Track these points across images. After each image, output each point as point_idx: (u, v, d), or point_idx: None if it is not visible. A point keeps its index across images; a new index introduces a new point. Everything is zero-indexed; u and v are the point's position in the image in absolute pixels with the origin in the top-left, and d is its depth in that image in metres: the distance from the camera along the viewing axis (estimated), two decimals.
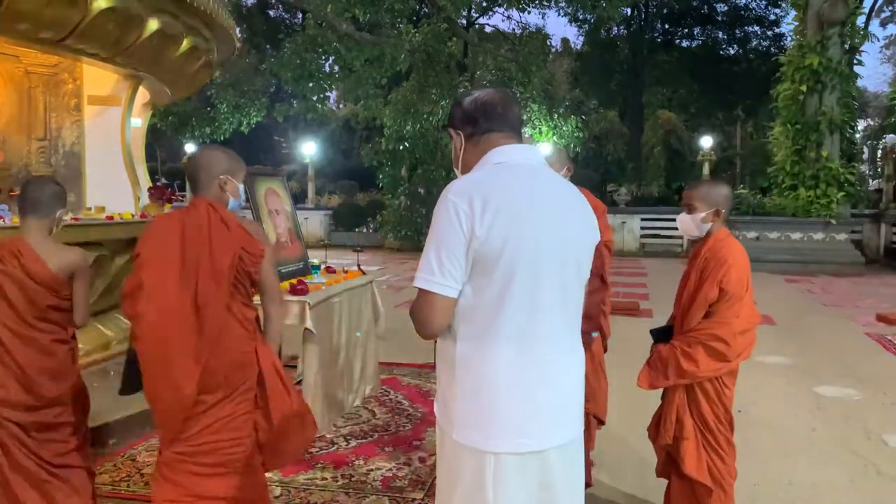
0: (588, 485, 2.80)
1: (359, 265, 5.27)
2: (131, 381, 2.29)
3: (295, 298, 3.90)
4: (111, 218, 4.93)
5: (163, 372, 2.14)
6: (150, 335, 2.15)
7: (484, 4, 20.79)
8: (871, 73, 55.52)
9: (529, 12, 28.46)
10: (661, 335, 2.75)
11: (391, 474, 3.55)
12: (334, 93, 27.73)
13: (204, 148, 2.53)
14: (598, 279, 3.24)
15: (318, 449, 3.89)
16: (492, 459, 1.55)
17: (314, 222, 19.86)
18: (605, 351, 3.79)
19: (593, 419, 3.66)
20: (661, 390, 2.77)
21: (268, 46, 26.70)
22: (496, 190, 1.54)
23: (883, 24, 31.42)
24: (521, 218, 1.53)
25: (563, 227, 1.61)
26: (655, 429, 2.79)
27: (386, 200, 19.24)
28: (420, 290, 1.56)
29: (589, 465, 3.48)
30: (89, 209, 5.30)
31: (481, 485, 1.56)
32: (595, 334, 3.55)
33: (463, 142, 1.73)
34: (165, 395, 2.16)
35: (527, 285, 1.54)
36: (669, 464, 2.76)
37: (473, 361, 1.57)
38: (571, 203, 1.68)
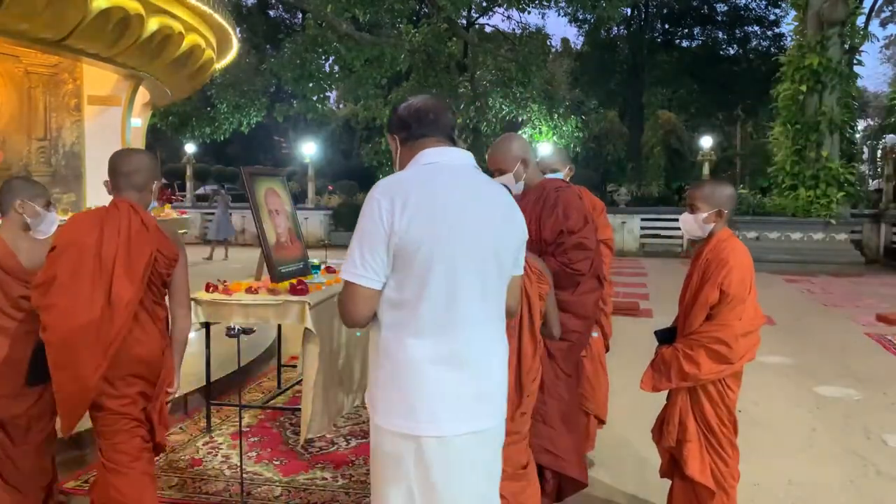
0: (583, 485, 2.77)
1: None
2: (39, 370, 2.36)
3: (295, 298, 3.90)
4: None
5: (70, 362, 2.22)
6: (60, 326, 2.23)
7: (484, 4, 20.80)
8: (871, 73, 55.53)
9: (529, 12, 28.50)
10: (666, 336, 2.74)
11: None
12: (334, 93, 27.75)
13: (136, 150, 2.62)
14: (595, 279, 3.25)
15: (318, 449, 3.89)
16: (412, 443, 1.63)
17: (314, 222, 19.84)
18: (607, 350, 3.80)
19: (593, 419, 3.66)
20: (664, 391, 2.76)
21: (268, 46, 26.70)
22: (417, 188, 1.64)
23: (883, 24, 31.45)
24: (439, 215, 1.62)
25: (484, 224, 1.69)
26: (659, 431, 2.78)
27: None
28: (345, 281, 1.67)
29: (586, 464, 3.48)
30: (90, 209, 5.30)
31: (403, 467, 1.65)
32: (595, 334, 3.56)
33: (398, 146, 1.83)
34: (70, 385, 2.25)
35: (444, 279, 1.63)
36: (673, 465, 2.76)
37: (395, 350, 1.66)
38: (495, 203, 1.75)
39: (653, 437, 2.84)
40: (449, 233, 1.63)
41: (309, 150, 20.39)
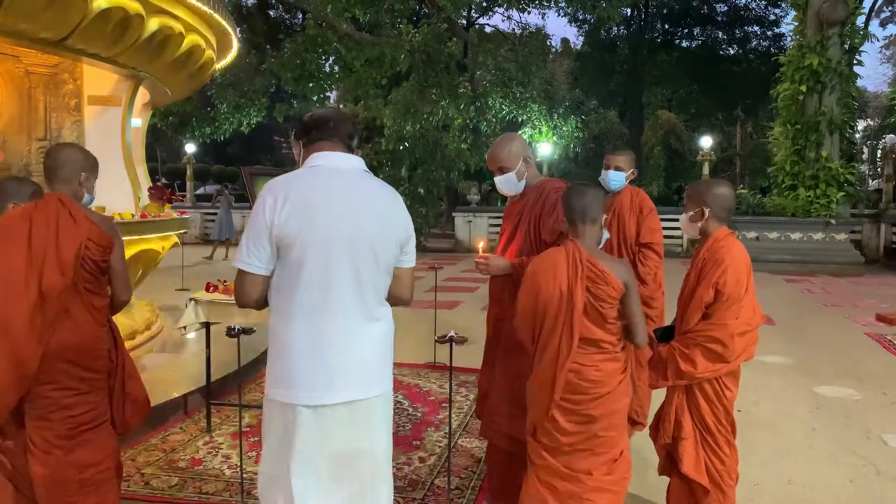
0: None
1: None
2: None
3: None
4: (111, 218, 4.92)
5: (9, 350, 2.34)
6: None
7: (484, 4, 20.80)
8: (871, 73, 55.55)
9: (529, 12, 28.52)
10: (665, 335, 2.75)
11: None
12: (334, 93, 27.70)
13: (64, 145, 2.71)
14: None
15: None
16: (292, 411, 1.86)
17: None
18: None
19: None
20: (662, 389, 2.77)
21: (268, 46, 26.68)
22: (298, 187, 1.88)
23: (883, 25, 31.49)
24: (315, 211, 1.84)
25: (358, 221, 1.88)
26: (656, 428, 2.79)
27: None
28: (236, 268, 1.92)
29: None
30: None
31: (285, 433, 1.88)
32: None
33: (301, 150, 2.07)
34: (11, 373, 2.36)
35: (318, 267, 1.84)
36: (670, 463, 2.77)
37: (279, 328, 1.90)
38: (374, 202, 1.95)
39: (650, 434, 2.85)
40: (322, 227, 1.84)
41: None
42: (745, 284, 2.56)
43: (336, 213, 1.86)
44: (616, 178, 3.67)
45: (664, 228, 16.07)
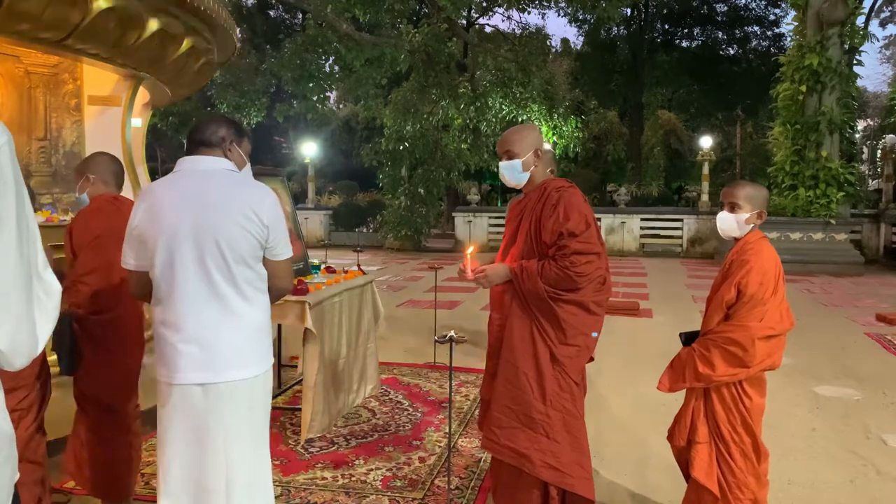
0: (590, 501, 2.62)
1: (359, 265, 5.27)
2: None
3: (295, 298, 3.90)
4: None
5: None
6: None
7: (484, 4, 20.79)
8: (871, 73, 55.60)
9: (529, 12, 28.52)
10: (691, 339, 2.72)
11: (391, 474, 3.55)
12: (334, 93, 27.74)
13: None
14: (598, 283, 3.25)
15: (318, 449, 3.89)
16: (159, 386, 2.08)
17: (314, 222, 19.85)
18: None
19: None
20: (669, 392, 2.75)
21: (268, 46, 26.68)
22: (154, 190, 2.08)
23: (883, 25, 31.49)
24: (162, 209, 2.02)
25: (199, 215, 2.01)
26: (673, 431, 2.77)
27: (386, 200, 19.24)
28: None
29: (592, 478, 3.44)
30: None
31: (161, 406, 2.09)
32: (595, 334, 3.54)
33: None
34: None
35: (165, 259, 2.02)
36: (687, 465, 2.75)
37: (153, 315, 2.10)
38: (220, 197, 2.06)
39: (668, 437, 2.83)
40: (167, 222, 2.00)
41: (309, 150, 20.39)
42: (771, 287, 2.52)
43: (180, 209, 2.01)
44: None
45: (666, 228, 16.07)
